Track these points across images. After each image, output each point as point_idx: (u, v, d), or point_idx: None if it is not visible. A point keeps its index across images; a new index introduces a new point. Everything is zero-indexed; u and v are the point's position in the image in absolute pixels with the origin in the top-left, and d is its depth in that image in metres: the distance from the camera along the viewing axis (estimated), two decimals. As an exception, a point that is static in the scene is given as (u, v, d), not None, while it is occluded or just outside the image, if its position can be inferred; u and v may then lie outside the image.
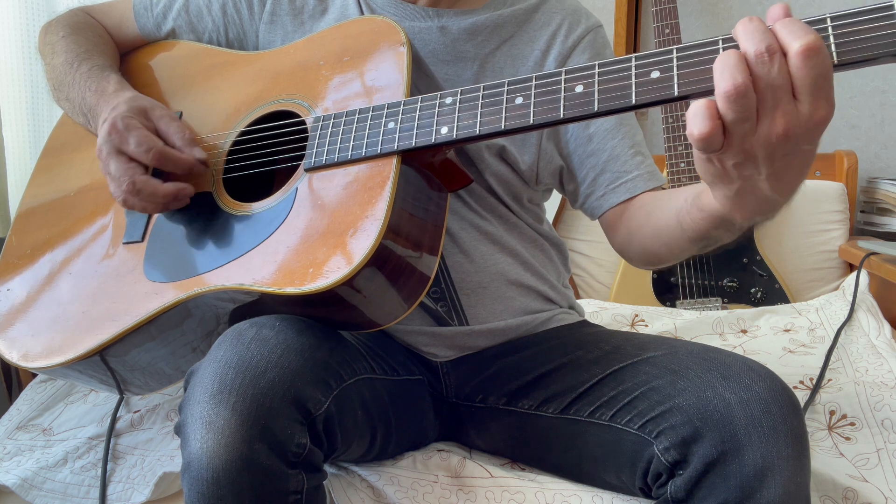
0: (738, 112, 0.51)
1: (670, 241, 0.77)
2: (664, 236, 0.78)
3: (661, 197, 0.84)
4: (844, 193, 1.71)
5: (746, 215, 0.61)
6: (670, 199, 0.78)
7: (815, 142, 0.53)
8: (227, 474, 0.61)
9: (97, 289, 0.86)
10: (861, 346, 1.22)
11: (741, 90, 0.51)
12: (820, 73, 0.50)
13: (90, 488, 0.93)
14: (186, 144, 0.83)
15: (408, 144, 0.72)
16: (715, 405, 0.67)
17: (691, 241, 0.72)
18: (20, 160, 1.48)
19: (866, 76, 1.83)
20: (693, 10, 1.89)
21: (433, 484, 0.83)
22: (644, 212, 0.85)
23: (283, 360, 0.66)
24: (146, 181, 0.80)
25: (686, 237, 0.73)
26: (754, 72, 0.51)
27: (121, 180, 0.80)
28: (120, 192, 0.81)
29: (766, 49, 0.50)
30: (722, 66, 0.51)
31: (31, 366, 0.86)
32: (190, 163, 0.82)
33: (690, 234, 0.71)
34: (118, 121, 0.81)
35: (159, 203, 0.82)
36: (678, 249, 0.77)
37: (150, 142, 0.80)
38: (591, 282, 1.77)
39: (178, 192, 0.81)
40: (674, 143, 1.63)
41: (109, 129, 0.81)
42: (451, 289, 0.89)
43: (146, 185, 0.80)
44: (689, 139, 0.53)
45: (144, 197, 0.80)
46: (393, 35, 0.80)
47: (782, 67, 0.51)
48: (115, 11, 1.04)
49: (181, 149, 0.83)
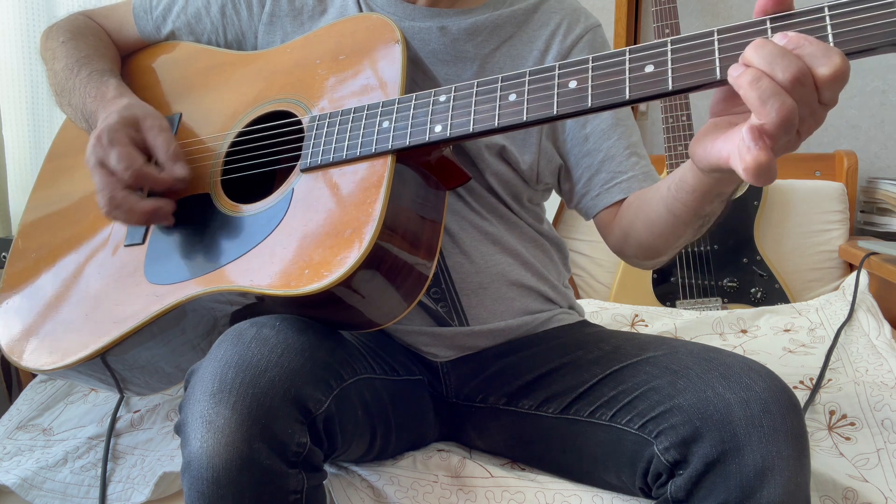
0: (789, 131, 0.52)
1: (664, 231, 0.78)
2: (657, 228, 0.79)
3: (646, 191, 0.85)
4: (844, 193, 1.71)
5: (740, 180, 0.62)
6: (654, 192, 0.80)
7: None
8: (227, 473, 0.61)
9: (99, 291, 0.87)
10: (861, 346, 1.22)
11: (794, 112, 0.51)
12: (844, 82, 0.51)
13: (90, 488, 0.93)
14: (170, 159, 0.82)
15: (402, 143, 0.72)
16: (715, 405, 0.67)
17: (686, 224, 0.74)
18: (20, 161, 1.48)
19: (866, 76, 1.83)
20: (693, 10, 1.89)
21: (433, 484, 0.83)
22: (633, 209, 0.86)
23: (284, 360, 0.66)
24: (125, 197, 0.80)
25: (680, 222, 0.74)
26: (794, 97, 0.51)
27: (102, 193, 0.80)
28: (101, 204, 0.81)
29: (799, 75, 0.50)
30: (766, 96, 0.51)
31: (34, 368, 0.87)
32: (168, 182, 0.82)
33: (684, 217, 0.73)
34: (104, 134, 0.81)
35: (138, 220, 0.81)
36: (674, 237, 0.79)
37: (128, 160, 0.80)
38: (591, 282, 1.77)
39: (155, 210, 0.81)
40: (674, 143, 1.63)
41: (95, 142, 0.81)
42: (451, 289, 0.89)
43: (124, 202, 0.80)
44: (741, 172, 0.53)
45: (124, 212, 0.80)
46: (388, 32, 0.80)
47: (812, 84, 0.51)
48: (115, 14, 1.04)
49: (164, 164, 0.82)
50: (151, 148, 0.83)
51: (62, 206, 0.98)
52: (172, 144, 0.83)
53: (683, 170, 0.69)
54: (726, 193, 0.70)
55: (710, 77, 0.56)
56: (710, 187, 0.67)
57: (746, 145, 0.52)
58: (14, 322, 0.92)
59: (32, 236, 0.99)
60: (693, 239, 0.80)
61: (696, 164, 0.63)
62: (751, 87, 0.51)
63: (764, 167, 0.52)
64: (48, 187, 1.02)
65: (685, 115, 1.63)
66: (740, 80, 0.52)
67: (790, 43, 0.51)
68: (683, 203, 0.71)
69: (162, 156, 0.82)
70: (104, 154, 0.80)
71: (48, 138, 1.48)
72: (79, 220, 0.95)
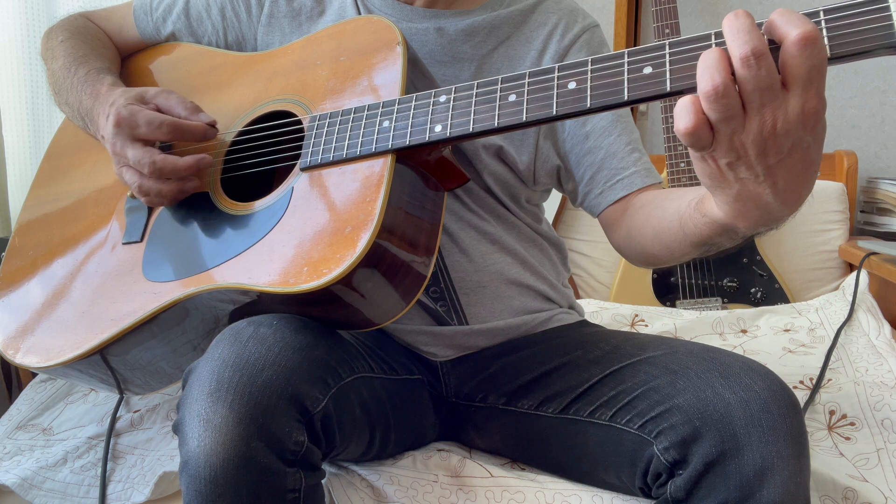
0: (721, 111, 0.51)
1: (671, 244, 0.76)
2: (665, 238, 0.77)
3: (662, 197, 0.82)
4: (844, 193, 1.71)
5: (749, 224, 0.60)
6: (672, 201, 0.77)
7: (807, 137, 0.52)
8: (224, 472, 0.61)
9: (97, 289, 0.87)
10: (861, 346, 1.22)
11: (720, 91, 0.50)
12: (814, 65, 0.50)
13: (90, 488, 0.93)
14: (192, 112, 0.84)
15: (402, 143, 0.72)
16: (715, 405, 0.67)
17: (693, 245, 0.71)
18: (20, 161, 1.48)
19: (866, 76, 1.83)
20: (693, 10, 1.89)
21: (433, 483, 0.83)
22: (644, 212, 0.84)
23: (281, 358, 0.66)
24: (165, 158, 0.81)
25: (688, 241, 0.71)
26: (739, 74, 0.50)
27: (141, 164, 0.80)
28: (138, 179, 0.81)
29: (751, 52, 0.50)
30: (703, 66, 0.51)
31: (32, 365, 0.87)
32: (202, 128, 0.83)
33: (693, 238, 0.70)
34: (121, 110, 0.81)
35: (182, 178, 0.82)
36: (679, 252, 0.76)
37: (159, 118, 0.81)
38: (591, 282, 1.77)
39: (198, 162, 0.81)
40: (674, 143, 1.63)
41: (116, 121, 0.81)
42: (450, 288, 0.89)
43: (166, 162, 0.80)
44: (677, 135, 0.53)
45: (167, 173, 0.81)
46: (389, 34, 0.80)
47: (770, 67, 0.50)
48: (115, 16, 1.04)
49: (188, 117, 0.83)
50: (167, 108, 0.84)
51: (60, 205, 0.99)
52: (186, 99, 0.85)
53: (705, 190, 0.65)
54: (738, 234, 0.65)
55: None
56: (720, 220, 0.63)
57: (679, 107, 0.52)
58: (11, 320, 0.92)
59: (30, 234, 0.99)
60: (696, 258, 0.77)
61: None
62: (702, 58, 0.51)
63: (690, 131, 0.52)
64: (46, 186, 1.02)
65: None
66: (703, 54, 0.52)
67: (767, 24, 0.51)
68: (695, 224, 0.68)
69: (182, 111, 0.83)
70: (131, 127, 0.81)
71: (48, 138, 1.48)
72: (77, 218, 0.95)
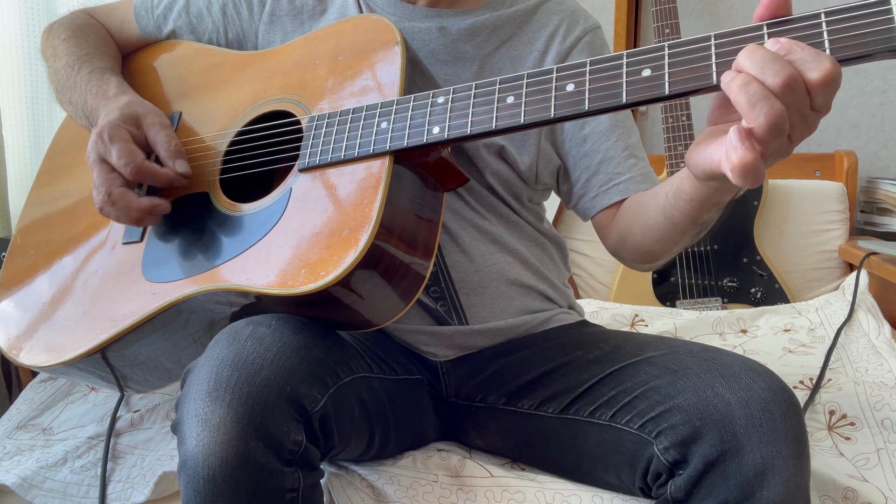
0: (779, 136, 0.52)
1: (662, 236, 0.79)
2: (655, 233, 0.79)
3: (644, 196, 0.85)
4: (844, 193, 1.71)
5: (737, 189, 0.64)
6: (653, 198, 0.80)
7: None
8: (223, 472, 0.61)
9: (97, 288, 0.87)
10: (861, 346, 1.22)
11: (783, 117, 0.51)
12: (836, 88, 0.51)
13: (90, 488, 0.93)
14: (171, 156, 0.82)
15: (400, 144, 0.72)
16: (715, 405, 0.67)
17: (683, 231, 0.75)
18: (20, 160, 1.48)
19: (866, 76, 1.83)
20: (693, 10, 1.89)
21: (433, 483, 0.83)
22: (630, 213, 0.86)
23: (279, 358, 0.66)
24: (122, 193, 0.80)
25: (678, 229, 0.75)
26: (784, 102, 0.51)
27: (100, 189, 0.80)
28: (98, 199, 0.81)
29: (789, 80, 0.51)
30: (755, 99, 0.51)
31: (33, 365, 0.87)
32: (169, 178, 0.81)
33: (681, 225, 0.73)
34: (105, 130, 0.81)
35: (132, 217, 0.81)
36: (671, 243, 0.79)
37: (130, 155, 0.79)
38: (591, 282, 1.77)
39: (152, 208, 0.81)
40: (674, 143, 1.63)
41: (96, 138, 0.81)
42: (450, 288, 0.89)
43: (121, 198, 0.80)
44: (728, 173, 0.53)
45: (119, 209, 0.80)
46: (388, 34, 0.80)
47: (803, 90, 0.51)
48: (116, 13, 1.04)
49: (165, 160, 0.82)
50: (153, 144, 0.83)
51: (61, 204, 0.98)
52: (174, 141, 0.83)
53: (680, 178, 0.69)
54: (723, 202, 0.69)
55: (707, 82, 0.56)
56: (707, 196, 0.67)
57: (733, 145, 0.52)
58: (12, 319, 0.92)
59: (31, 233, 0.99)
60: (691, 243, 0.81)
61: (691, 171, 0.63)
62: (740, 91, 0.52)
63: (750, 167, 0.52)
64: (47, 185, 1.02)
65: (685, 116, 1.63)
66: (731, 85, 0.52)
67: (781, 48, 0.52)
68: (681, 211, 0.71)
69: (163, 152, 0.82)
70: (105, 150, 0.80)
71: (48, 138, 1.48)
72: (78, 217, 0.95)
